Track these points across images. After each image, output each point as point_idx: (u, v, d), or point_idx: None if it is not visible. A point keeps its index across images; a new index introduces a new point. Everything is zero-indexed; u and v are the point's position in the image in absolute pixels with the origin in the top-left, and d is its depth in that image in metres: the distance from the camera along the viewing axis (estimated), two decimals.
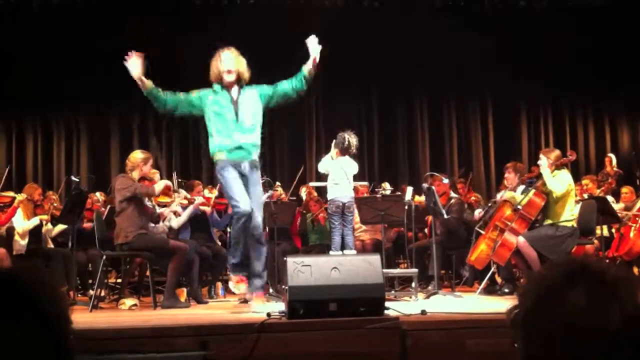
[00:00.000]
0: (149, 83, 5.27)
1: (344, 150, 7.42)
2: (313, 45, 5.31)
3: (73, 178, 8.58)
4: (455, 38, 10.99)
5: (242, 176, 5.32)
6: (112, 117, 11.52)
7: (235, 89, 5.35)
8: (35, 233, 8.05)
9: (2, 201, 7.84)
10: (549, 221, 6.64)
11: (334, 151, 7.50)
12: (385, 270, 5.69)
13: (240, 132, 5.30)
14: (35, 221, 8.00)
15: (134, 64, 5.22)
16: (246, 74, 5.38)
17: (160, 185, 6.68)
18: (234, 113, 5.30)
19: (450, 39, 11.01)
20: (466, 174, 10.28)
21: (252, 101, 5.38)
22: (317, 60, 5.31)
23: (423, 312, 4.51)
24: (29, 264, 1.12)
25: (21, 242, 7.94)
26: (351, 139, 7.49)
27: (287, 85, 5.42)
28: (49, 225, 8.15)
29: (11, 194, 8.05)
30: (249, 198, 5.28)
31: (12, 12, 10.40)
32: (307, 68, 5.34)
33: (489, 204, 7.54)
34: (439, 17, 11.02)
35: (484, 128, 12.22)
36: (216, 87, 5.37)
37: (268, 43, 10.68)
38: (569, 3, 11.13)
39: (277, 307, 5.04)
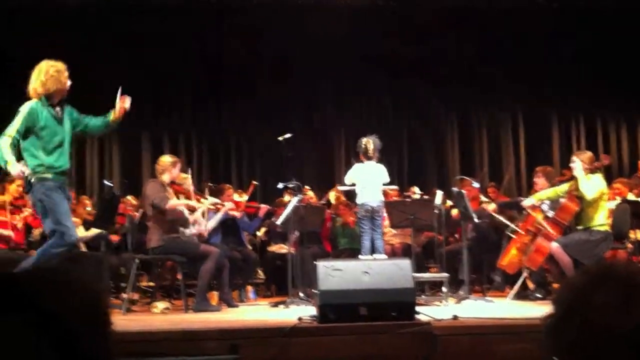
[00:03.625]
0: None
1: (364, 154, 7.58)
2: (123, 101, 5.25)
3: (106, 183, 8.66)
4: (484, 43, 10.95)
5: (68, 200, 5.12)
6: (143, 120, 11.50)
7: (58, 108, 5.09)
8: None
9: None
10: (581, 226, 6.57)
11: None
12: (415, 275, 5.67)
13: (65, 155, 5.05)
14: None
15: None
16: None
17: (178, 205, 6.70)
18: (61, 134, 5.03)
19: (479, 44, 10.96)
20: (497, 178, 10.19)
21: (69, 122, 5.16)
22: (125, 109, 5.26)
23: (455, 317, 4.49)
24: (51, 266, 1.11)
25: None
26: (368, 143, 7.58)
27: (94, 122, 5.29)
28: (82, 229, 8.25)
29: None
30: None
31: (45, 17, 10.50)
32: (113, 115, 5.24)
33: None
34: (467, 22, 10.96)
35: (515, 132, 12.08)
36: (43, 101, 5.00)
37: (282, 45, 10.71)
38: (603, 7, 10.99)
39: (308, 311, 5.06)
